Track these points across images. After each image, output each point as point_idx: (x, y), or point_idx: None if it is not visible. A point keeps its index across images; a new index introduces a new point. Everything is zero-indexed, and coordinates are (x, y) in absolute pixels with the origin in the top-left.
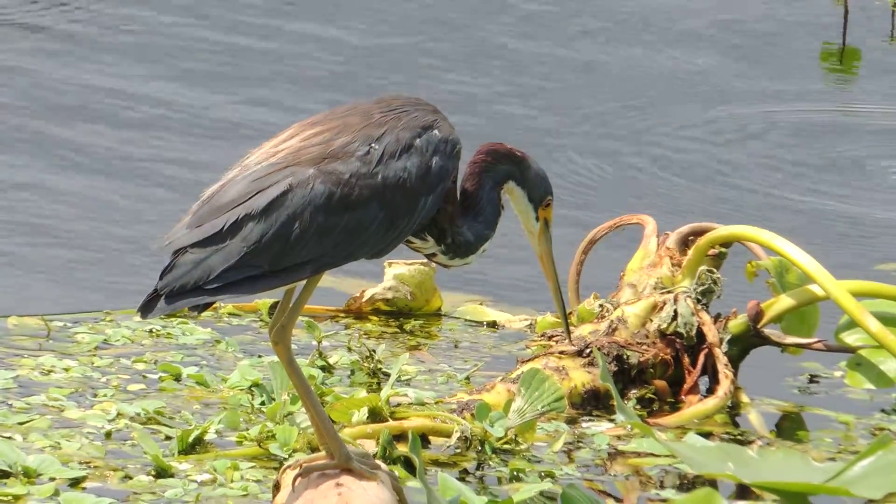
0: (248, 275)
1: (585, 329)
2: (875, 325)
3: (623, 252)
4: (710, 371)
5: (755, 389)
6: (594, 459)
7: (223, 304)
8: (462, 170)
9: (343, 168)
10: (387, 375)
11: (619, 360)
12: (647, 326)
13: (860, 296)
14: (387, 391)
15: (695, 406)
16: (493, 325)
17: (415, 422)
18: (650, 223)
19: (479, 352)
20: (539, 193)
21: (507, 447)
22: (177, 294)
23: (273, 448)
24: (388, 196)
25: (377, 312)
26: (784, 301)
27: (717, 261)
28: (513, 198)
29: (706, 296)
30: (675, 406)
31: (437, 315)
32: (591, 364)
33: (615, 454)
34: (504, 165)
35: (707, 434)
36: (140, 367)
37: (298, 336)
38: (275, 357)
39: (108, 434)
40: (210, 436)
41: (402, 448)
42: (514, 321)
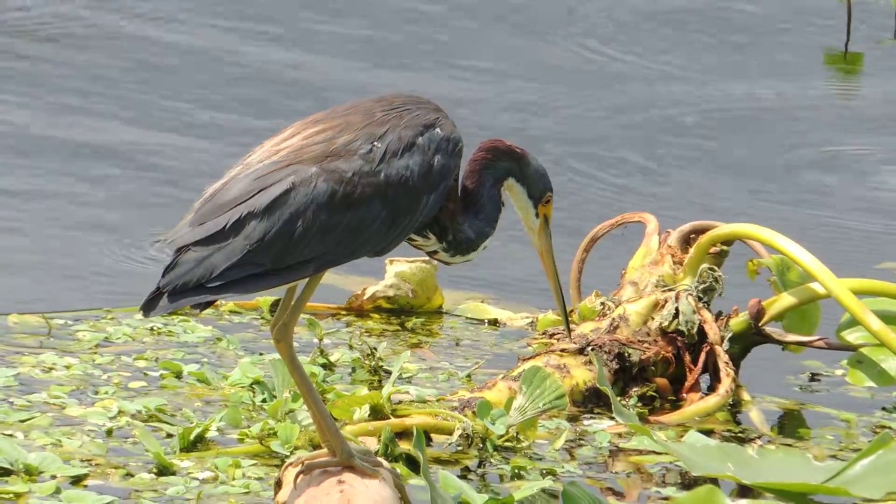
0: (251, 273)
1: (587, 327)
2: (876, 324)
3: (625, 250)
4: (712, 369)
5: (756, 387)
6: (596, 457)
7: (224, 302)
8: (462, 167)
9: (346, 166)
10: (388, 373)
11: (621, 358)
12: (649, 324)
13: (861, 294)
14: (388, 389)
15: (696, 404)
16: (495, 323)
17: (416, 419)
18: (652, 221)
19: (481, 349)
20: (539, 190)
21: (509, 445)
22: (179, 292)
23: (275, 446)
24: (391, 194)
25: (378, 310)
26: (785, 299)
27: (719, 259)
28: (513, 194)
29: (707, 294)
30: (677, 404)
31: (439, 313)
32: (593, 362)
33: (616, 452)
34: (504, 162)
35: (708, 432)
36: (141, 365)
37: (300, 334)
38: (276, 354)
39: (110, 432)
40: (211, 433)
41: (404, 445)
42: (516, 319)
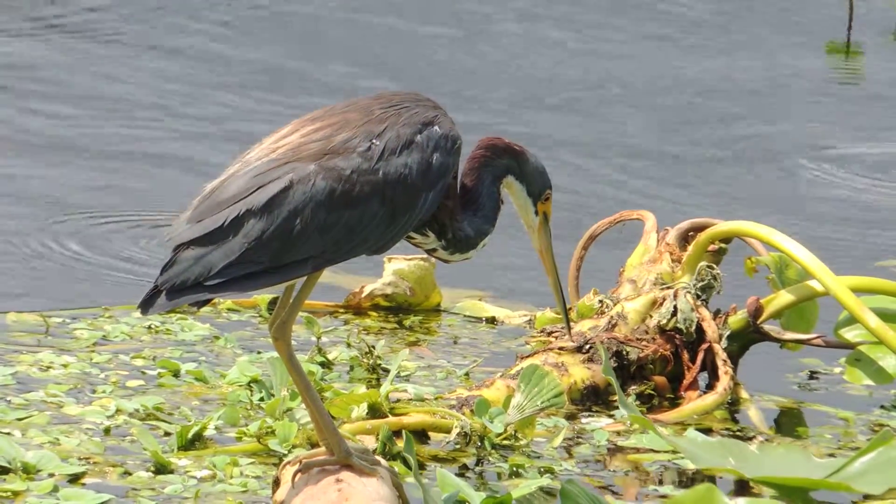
0: (249, 271)
1: (585, 325)
2: (874, 321)
3: (623, 248)
4: (710, 367)
5: (755, 385)
6: (594, 455)
7: (222, 300)
8: (461, 165)
9: (344, 164)
10: (386, 371)
11: (619, 356)
12: (647, 322)
13: (859, 292)
14: (386, 387)
15: (694, 402)
16: (493, 321)
17: (414, 418)
18: (650, 219)
19: (479, 348)
20: (538, 187)
21: (507, 443)
22: (177, 290)
23: (272, 444)
24: (389, 192)
25: (376, 308)
26: (783, 297)
27: (717, 257)
28: (512, 192)
29: (706, 291)
30: (675, 402)
31: (437, 311)
32: (591, 360)
33: (614, 450)
34: (503, 160)
35: (707, 430)
36: (139, 364)
37: (297, 332)
38: (274, 353)
39: (107, 430)
40: (209, 432)
41: (402, 444)
42: (514, 317)
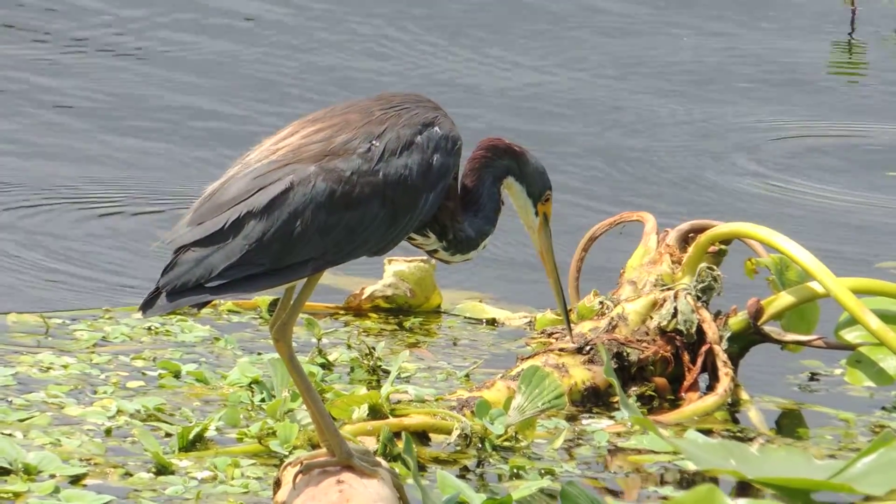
0: (250, 273)
1: (585, 326)
2: (875, 323)
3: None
4: (710, 368)
5: (755, 387)
6: (594, 457)
7: (223, 302)
8: (461, 166)
9: (344, 165)
10: (386, 373)
11: (619, 358)
12: (648, 323)
13: (860, 293)
14: (387, 388)
15: (695, 403)
16: (493, 323)
17: (415, 419)
18: (650, 220)
19: (478, 349)
20: (538, 188)
21: (508, 444)
22: (178, 292)
23: (274, 445)
24: (390, 193)
25: (377, 310)
26: (784, 298)
27: (718, 258)
28: (512, 193)
29: (706, 293)
30: (675, 403)
31: (437, 312)
32: (592, 361)
33: (615, 451)
34: (503, 160)
35: (707, 431)
36: (139, 365)
37: (298, 333)
38: (275, 354)
39: (108, 431)
40: (210, 433)
41: (402, 445)
42: (514, 318)
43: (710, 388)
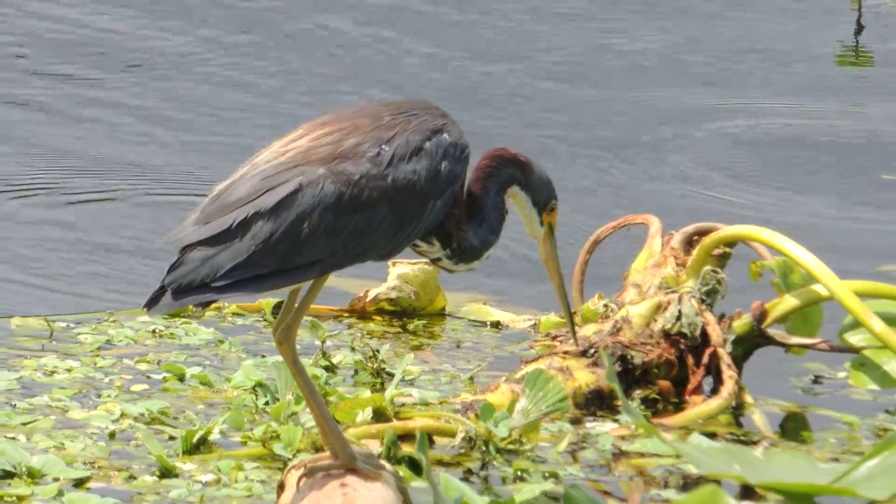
0: (256, 273)
1: (589, 329)
2: (879, 326)
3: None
4: (714, 371)
5: (759, 390)
6: (598, 460)
7: (227, 304)
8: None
9: (353, 169)
10: (390, 375)
11: (623, 361)
12: (652, 326)
13: (864, 296)
14: (391, 391)
15: (699, 406)
16: (497, 325)
17: (419, 422)
18: (655, 223)
19: (482, 352)
20: (543, 198)
21: (512, 447)
22: (183, 290)
23: (277, 448)
24: (398, 198)
25: (381, 312)
26: (788, 301)
27: (722, 261)
28: (517, 202)
29: (710, 296)
30: (679, 406)
31: (441, 315)
32: (596, 364)
33: (619, 454)
34: (508, 170)
35: (711, 434)
36: (143, 368)
37: (302, 336)
38: (279, 357)
39: (112, 434)
40: (214, 436)
41: (407, 448)
42: (518, 321)
43: (714, 392)
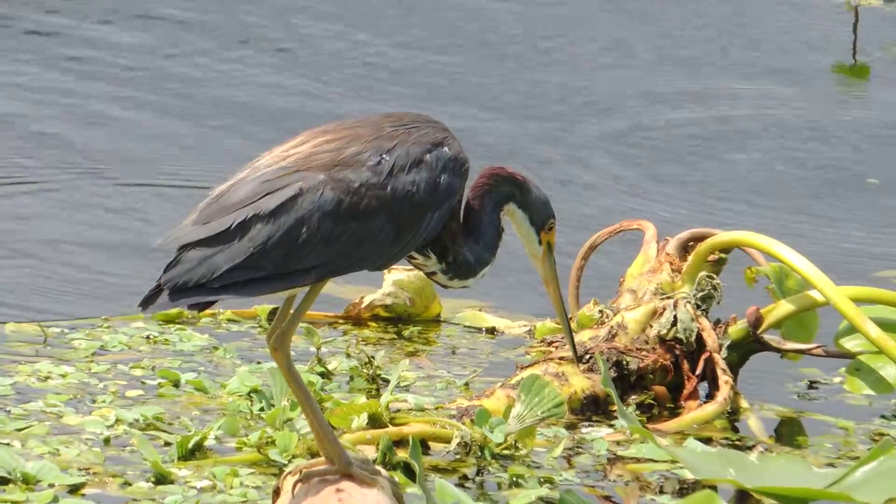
0: (252, 276)
1: (585, 335)
2: (874, 331)
3: (623, 257)
4: (710, 377)
5: (754, 395)
6: (594, 465)
7: (222, 311)
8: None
9: (354, 176)
10: (386, 381)
11: (619, 366)
12: (647, 332)
13: (859, 301)
14: (386, 397)
15: (694, 412)
16: (492, 331)
17: (414, 427)
18: (650, 228)
19: (478, 358)
20: (541, 217)
21: (507, 453)
22: (180, 290)
23: (273, 454)
24: (396, 208)
25: (376, 318)
26: (783, 307)
27: (717, 266)
28: (514, 220)
29: (706, 301)
30: (675, 412)
31: (436, 321)
32: (591, 370)
33: (614, 460)
34: (505, 187)
35: (706, 440)
36: (138, 374)
37: (297, 342)
38: (274, 363)
39: (107, 440)
40: (209, 442)
41: (402, 454)
42: (513, 327)
43: (710, 397)
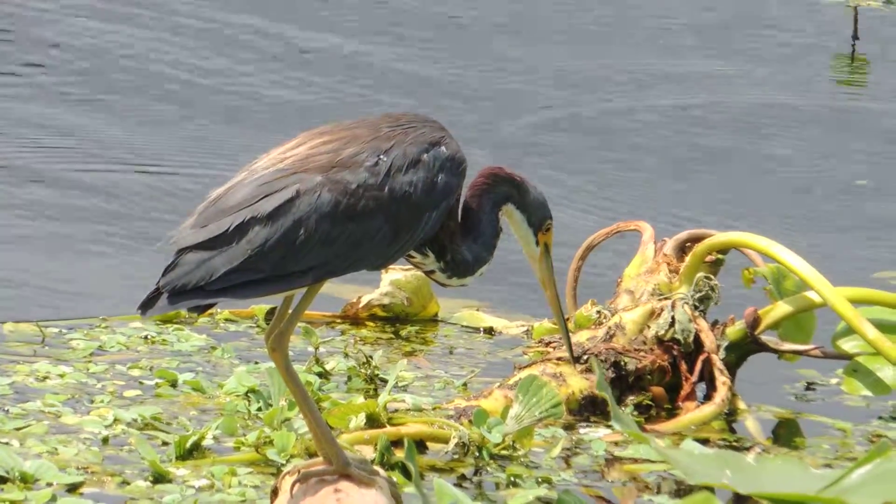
0: (251, 278)
1: (583, 335)
2: (872, 332)
3: (621, 258)
4: (708, 377)
5: (752, 396)
6: (592, 465)
7: (219, 311)
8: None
9: (351, 178)
10: (384, 381)
11: (617, 367)
12: (645, 333)
13: (857, 302)
14: (384, 397)
15: (692, 412)
16: (490, 331)
17: (412, 428)
18: (648, 229)
19: (476, 358)
20: (538, 218)
21: (505, 453)
22: (178, 293)
23: (271, 454)
24: (394, 209)
25: (374, 318)
26: (781, 308)
27: (715, 267)
28: (512, 221)
29: (703, 302)
30: (672, 412)
31: (434, 321)
32: (589, 370)
33: (612, 460)
34: (503, 187)
35: (704, 440)
36: (136, 374)
37: (295, 342)
38: (272, 363)
39: (106, 440)
40: (207, 441)
41: (400, 454)
42: (511, 327)
43: (708, 398)
